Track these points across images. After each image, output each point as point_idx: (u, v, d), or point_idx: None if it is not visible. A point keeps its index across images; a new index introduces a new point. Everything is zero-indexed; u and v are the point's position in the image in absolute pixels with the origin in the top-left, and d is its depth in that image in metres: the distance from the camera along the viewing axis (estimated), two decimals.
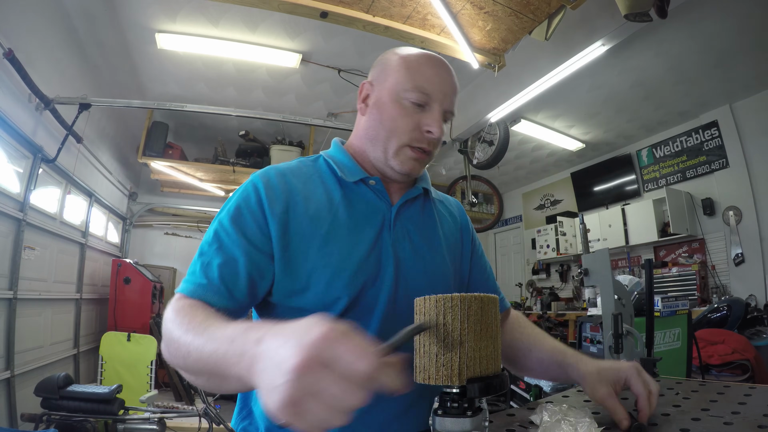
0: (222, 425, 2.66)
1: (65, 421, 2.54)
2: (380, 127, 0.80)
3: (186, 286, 0.68)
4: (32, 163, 3.15)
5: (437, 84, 0.78)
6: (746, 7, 2.94)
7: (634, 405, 0.67)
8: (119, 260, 4.73)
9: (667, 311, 1.99)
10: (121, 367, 3.98)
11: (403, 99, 0.77)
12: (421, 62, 0.79)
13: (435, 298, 0.52)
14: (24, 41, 2.78)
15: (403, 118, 0.77)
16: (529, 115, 4.66)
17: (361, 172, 0.82)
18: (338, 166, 0.82)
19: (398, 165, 0.80)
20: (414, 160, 0.79)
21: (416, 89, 0.76)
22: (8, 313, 2.90)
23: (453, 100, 0.80)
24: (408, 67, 0.78)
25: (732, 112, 4.34)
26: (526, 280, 6.73)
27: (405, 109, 0.77)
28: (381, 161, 0.82)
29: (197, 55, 3.65)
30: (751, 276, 4.08)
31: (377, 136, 0.80)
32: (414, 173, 0.82)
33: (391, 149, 0.79)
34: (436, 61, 0.80)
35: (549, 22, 2.53)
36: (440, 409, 0.53)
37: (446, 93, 0.79)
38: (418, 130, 0.78)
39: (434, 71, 0.78)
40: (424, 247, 0.83)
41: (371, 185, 0.82)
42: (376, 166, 0.84)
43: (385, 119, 0.79)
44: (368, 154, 0.84)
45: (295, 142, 4.90)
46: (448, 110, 0.80)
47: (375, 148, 0.81)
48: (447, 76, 0.80)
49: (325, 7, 2.45)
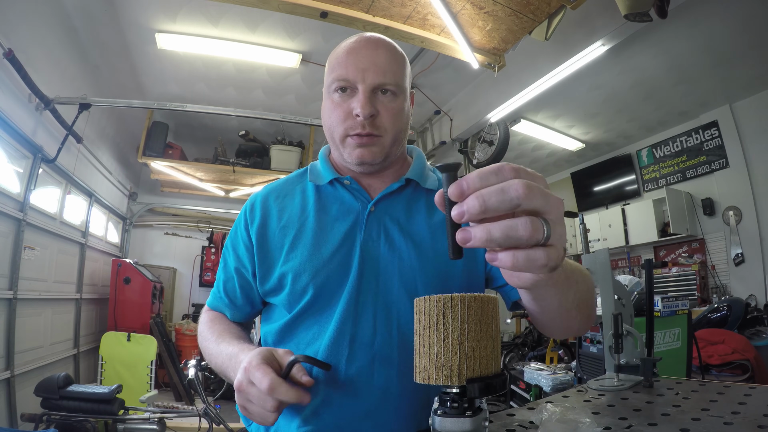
0: (222, 425, 2.66)
1: (65, 421, 2.54)
2: (325, 126, 0.81)
3: (210, 299, 0.93)
4: (32, 163, 3.15)
5: (353, 65, 0.75)
6: (746, 7, 2.94)
7: None
8: (119, 260, 4.73)
9: (667, 311, 1.99)
10: (121, 367, 3.98)
11: (331, 93, 0.78)
12: (339, 53, 0.78)
13: (435, 298, 0.52)
14: (24, 41, 2.79)
15: (334, 110, 0.77)
16: (529, 115, 4.66)
17: (332, 173, 0.83)
18: (312, 172, 0.86)
19: (348, 156, 0.79)
20: (360, 147, 0.77)
21: (335, 80, 0.76)
22: (8, 313, 2.90)
23: (380, 72, 0.75)
24: (329, 63, 0.80)
25: (732, 112, 4.34)
26: None
27: (334, 102, 0.78)
28: (341, 160, 0.82)
29: (197, 55, 3.65)
30: (751, 276, 4.08)
31: (327, 134, 0.82)
32: (367, 159, 0.78)
33: (338, 143, 0.79)
34: (353, 43, 0.77)
35: (549, 22, 2.53)
36: (440, 409, 0.53)
37: (366, 69, 0.74)
38: (350, 117, 0.76)
39: (348, 55, 0.76)
40: (404, 245, 0.78)
41: (346, 185, 0.82)
42: (345, 168, 0.84)
43: (325, 119, 0.80)
44: (335, 158, 0.86)
45: (295, 142, 4.90)
46: (378, 84, 0.75)
47: (333, 149, 0.83)
48: (365, 52, 0.76)
49: (325, 7, 2.45)
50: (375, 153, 0.77)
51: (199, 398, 2.86)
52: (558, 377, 2.49)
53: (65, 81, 3.40)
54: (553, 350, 4.13)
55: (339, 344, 0.73)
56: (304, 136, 5.00)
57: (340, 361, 0.72)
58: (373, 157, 0.78)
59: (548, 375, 2.54)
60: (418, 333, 0.53)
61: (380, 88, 0.76)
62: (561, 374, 2.53)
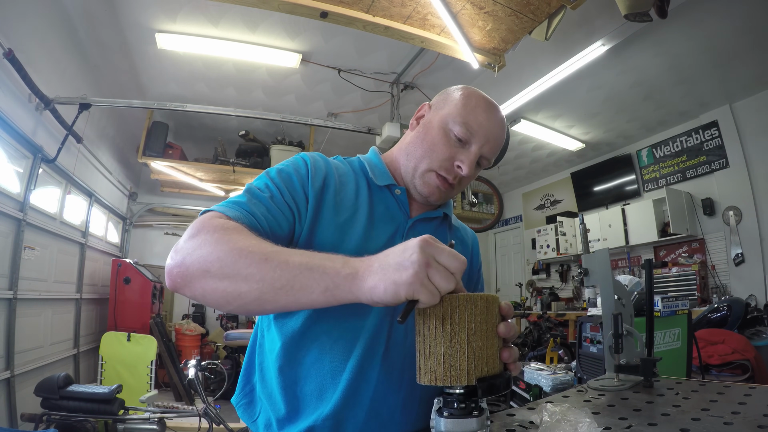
0: (222, 425, 2.66)
1: (65, 421, 2.54)
2: (420, 145, 0.85)
3: (231, 211, 0.68)
4: (32, 163, 3.15)
5: (484, 127, 0.82)
6: (746, 7, 2.94)
7: None
8: (119, 260, 4.73)
9: (667, 311, 1.99)
10: (121, 367, 3.98)
11: (449, 130, 0.82)
12: (479, 104, 0.84)
13: (440, 298, 0.51)
14: (24, 41, 2.79)
15: (442, 145, 0.82)
16: (529, 115, 4.66)
17: (390, 179, 0.88)
18: (371, 168, 0.89)
19: (420, 185, 0.85)
20: (436, 187, 0.84)
21: (463, 124, 0.81)
22: (8, 313, 2.90)
23: (494, 148, 0.84)
24: (465, 103, 0.84)
25: (732, 112, 4.34)
26: (526, 280, 6.73)
27: (447, 139, 0.83)
28: (408, 175, 0.87)
29: (197, 55, 3.65)
30: (751, 276, 4.08)
31: (414, 152, 0.86)
32: (432, 198, 0.86)
33: (421, 168, 0.84)
34: (492, 107, 0.85)
35: (549, 22, 2.53)
36: (445, 410, 0.52)
37: (489, 139, 0.82)
38: (450, 161, 0.82)
39: (486, 115, 0.83)
40: None
41: (396, 194, 0.88)
42: (404, 180, 0.89)
43: (426, 140, 0.85)
44: (400, 165, 0.90)
45: (295, 142, 4.90)
46: (485, 156, 0.84)
47: (408, 161, 0.87)
48: (496, 123, 0.84)
49: (325, 7, 2.45)
50: (442, 198, 0.87)
51: (199, 398, 2.86)
52: (558, 377, 2.49)
53: (65, 81, 3.40)
54: (553, 350, 4.13)
55: (377, 340, 0.76)
56: (304, 136, 5.00)
57: (376, 357, 0.76)
58: (438, 200, 0.87)
59: (548, 375, 2.54)
60: (422, 334, 0.53)
61: (483, 158, 0.85)
62: (561, 374, 2.53)
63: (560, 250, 5.83)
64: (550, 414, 0.64)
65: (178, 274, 0.60)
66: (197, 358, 2.85)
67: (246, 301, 0.57)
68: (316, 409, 0.74)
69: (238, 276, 0.56)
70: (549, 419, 0.63)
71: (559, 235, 5.84)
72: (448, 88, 0.91)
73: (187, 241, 0.61)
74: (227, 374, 3.97)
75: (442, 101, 0.88)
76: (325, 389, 0.74)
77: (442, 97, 0.89)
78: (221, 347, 4.94)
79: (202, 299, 0.60)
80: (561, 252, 5.83)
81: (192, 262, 0.59)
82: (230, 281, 0.56)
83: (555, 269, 6.45)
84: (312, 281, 0.54)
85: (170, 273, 0.60)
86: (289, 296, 0.55)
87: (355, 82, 3.95)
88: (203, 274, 0.58)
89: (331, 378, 0.74)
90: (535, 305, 6.08)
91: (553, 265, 6.48)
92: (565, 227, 5.87)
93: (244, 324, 5.72)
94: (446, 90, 0.91)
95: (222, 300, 0.58)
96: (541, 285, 6.50)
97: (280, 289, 0.55)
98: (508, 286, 6.98)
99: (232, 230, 0.61)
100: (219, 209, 0.68)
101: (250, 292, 0.56)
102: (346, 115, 4.60)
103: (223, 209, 0.68)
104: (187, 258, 0.59)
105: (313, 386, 0.75)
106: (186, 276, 0.59)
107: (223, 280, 0.57)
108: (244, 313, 0.56)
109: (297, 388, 0.76)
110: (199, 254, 0.58)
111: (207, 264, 0.57)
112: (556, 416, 0.63)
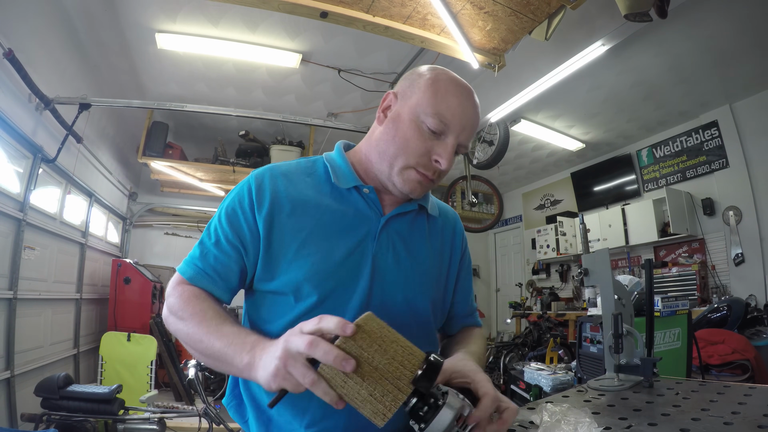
0: (222, 425, 2.66)
1: (65, 421, 2.54)
2: (392, 142, 0.80)
3: (188, 271, 0.79)
4: (32, 163, 3.15)
5: (458, 116, 0.76)
6: (746, 7, 2.94)
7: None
8: (119, 260, 4.73)
9: (667, 311, 1.99)
10: (121, 367, 3.98)
11: (421, 122, 0.77)
12: (449, 89, 0.78)
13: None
14: (24, 41, 2.79)
15: (416, 140, 0.77)
16: (529, 115, 4.66)
17: (355, 180, 0.83)
18: (334, 171, 0.84)
19: (400, 183, 0.80)
20: (417, 183, 0.80)
21: (436, 116, 0.76)
22: (8, 313, 2.90)
23: (470, 134, 0.79)
24: (435, 91, 0.77)
25: (732, 112, 4.34)
26: (526, 280, 6.73)
27: (420, 133, 0.77)
28: (384, 175, 0.82)
29: (197, 55, 3.65)
30: (751, 276, 4.08)
31: (386, 150, 0.80)
32: (414, 194, 0.82)
33: (397, 167, 0.79)
34: (464, 90, 0.79)
35: (549, 22, 2.53)
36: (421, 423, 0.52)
37: (465, 126, 0.78)
38: (427, 156, 0.77)
39: (458, 101, 0.77)
40: (407, 261, 0.83)
41: (364, 194, 0.83)
42: (378, 178, 0.84)
43: (398, 137, 0.79)
44: (373, 164, 0.84)
45: (295, 142, 4.90)
46: (462, 144, 0.79)
47: (381, 160, 0.82)
48: (471, 108, 0.79)
49: (325, 7, 2.44)
50: (423, 191, 0.83)
51: (199, 398, 2.86)
52: (558, 377, 2.49)
53: (65, 81, 3.40)
54: (553, 350, 4.13)
55: None
56: (304, 136, 5.00)
57: None
58: (420, 195, 0.83)
59: (548, 375, 2.54)
60: (344, 394, 0.51)
61: (462, 146, 0.80)
62: (561, 374, 2.53)
63: (560, 250, 5.82)
64: (550, 414, 0.64)
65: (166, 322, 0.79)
66: None
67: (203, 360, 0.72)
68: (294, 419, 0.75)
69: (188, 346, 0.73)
70: (549, 419, 0.63)
71: (559, 235, 5.84)
72: (413, 71, 0.84)
73: (166, 303, 0.79)
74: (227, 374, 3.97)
75: (408, 88, 0.81)
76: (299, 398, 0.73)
77: (407, 83, 0.82)
78: None
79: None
80: (561, 252, 5.83)
81: (166, 322, 0.78)
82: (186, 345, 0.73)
83: (555, 269, 6.45)
84: (227, 365, 0.67)
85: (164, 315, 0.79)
86: (221, 367, 0.69)
87: (355, 82, 3.95)
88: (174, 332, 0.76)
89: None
90: (535, 305, 6.08)
91: (553, 265, 6.48)
92: (565, 227, 5.87)
93: None
94: (411, 73, 0.83)
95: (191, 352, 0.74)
96: (541, 285, 6.50)
97: (215, 363, 0.69)
98: (508, 286, 6.98)
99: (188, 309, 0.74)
100: (181, 271, 0.80)
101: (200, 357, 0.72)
102: (346, 115, 4.60)
103: (184, 270, 0.80)
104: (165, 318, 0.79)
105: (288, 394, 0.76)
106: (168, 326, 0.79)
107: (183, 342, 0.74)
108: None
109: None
110: (166, 320, 0.78)
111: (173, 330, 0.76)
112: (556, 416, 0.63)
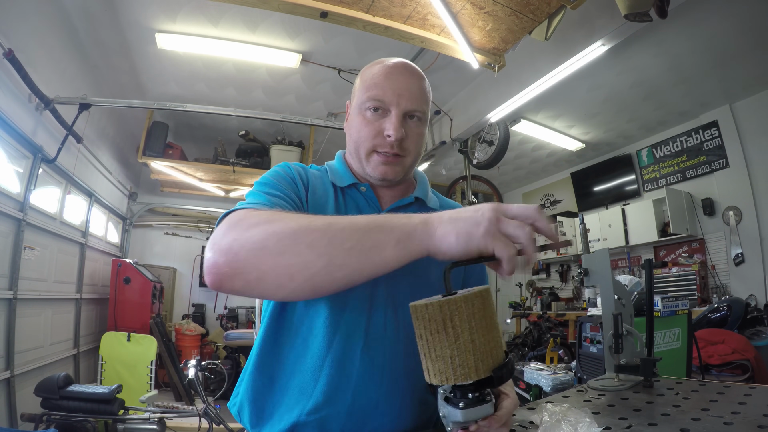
0: (222, 425, 2.66)
1: (65, 421, 2.54)
2: (351, 139, 0.88)
3: (258, 204, 0.68)
4: (32, 163, 3.15)
5: (390, 89, 0.81)
6: (746, 7, 2.94)
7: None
8: (119, 260, 4.73)
9: (667, 311, 1.99)
10: (121, 367, 3.98)
11: (364, 111, 0.84)
12: (375, 73, 0.84)
13: (438, 304, 0.52)
14: (24, 41, 2.79)
15: (365, 126, 0.83)
16: (529, 115, 4.66)
17: (351, 178, 0.89)
18: (332, 172, 0.91)
19: (371, 171, 0.85)
20: (384, 165, 0.84)
21: (370, 98, 0.82)
22: (8, 313, 2.90)
23: (413, 98, 0.82)
24: (363, 81, 0.85)
25: (732, 112, 4.34)
26: (526, 280, 6.73)
27: (366, 119, 0.83)
28: (361, 171, 0.88)
29: (197, 55, 3.65)
30: (751, 276, 4.08)
31: (350, 147, 0.89)
32: (389, 177, 0.85)
33: (362, 157, 0.85)
34: (390, 67, 0.84)
35: (549, 22, 2.53)
36: (460, 401, 0.54)
37: (401, 94, 0.81)
38: (379, 135, 0.82)
39: (385, 77, 0.82)
40: None
41: (362, 191, 0.89)
42: (362, 175, 0.90)
43: (353, 131, 0.87)
44: (353, 164, 0.91)
45: (295, 142, 4.90)
46: (409, 110, 0.82)
47: (354, 159, 0.89)
48: (401, 78, 0.83)
49: (325, 7, 2.44)
50: (397, 172, 0.85)
51: (199, 398, 2.86)
52: (558, 377, 2.49)
53: (65, 81, 3.40)
54: (553, 350, 4.13)
55: (355, 336, 0.77)
56: (304, 136, 5.00)
57: (355, 352, 0.76)
58: (395, 175, 0.85)
59: (548, 375, 2.53)
60: (424, 338, 0.54)
61: (410, 113, 0.83)
62: (561, 374, 2.53)
63: (560, 250, 5.82)
64: (550, 414, 0.64)
65: (225, 263, 0.54)
66: (197, 358, 2.86)
67: (313, 271, 0.53)
68: (297, 404, 0.75)
69: (301, 245, 0.53)
70: (549, 419, 0.63)
71: (560, 235, 5.83)
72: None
73: (228, 232, 0.57)
74: (227, 374, 3.98)
75: (353, 93, 0.90)
76: (305, 385, 0.75)
77: (353, 89, 0.91)
78: (221, 347, 4.94)
79: (256, 285, 0.54)
80: (561, 252, 5.83)
81: (242, 244, 0.54)
82: (292, 253, 0.52)
83: (555, 269, 6.45)
84: (383, 235, 0.53)
85: (215, 265, 0.55)
86: (360, 256, 0.52)
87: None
88: (259, 252, 0.54)
89: (311, 374, 0.76)
90: (535, 305, 6.08)
91: (553, 265, 6.48)
92: (565, 227, 5.87)
93: (244, 324, 5.73)
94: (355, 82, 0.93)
95: (284, 277, 0.53)
96: (541, 285, 6.50)
97: (350, 250, 0.52)
98: (508, 286, 6.97)
99: (275, 212, 0.60)
100: (246, 206, 0.66)
101: (318, 258, 0.52)
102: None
103: (251, 204, 0.67)
104: (234, 244, 0.55)
105: (294, 382, 0.77)
106: (237, 262, 0.54)
107: (283, 254, 0.53)
108: (306, 292, 0.49)
109: (277, 385, 0.78)
110: (250, 236, 0.55)
111: (262, 242, 0.54)
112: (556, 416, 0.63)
